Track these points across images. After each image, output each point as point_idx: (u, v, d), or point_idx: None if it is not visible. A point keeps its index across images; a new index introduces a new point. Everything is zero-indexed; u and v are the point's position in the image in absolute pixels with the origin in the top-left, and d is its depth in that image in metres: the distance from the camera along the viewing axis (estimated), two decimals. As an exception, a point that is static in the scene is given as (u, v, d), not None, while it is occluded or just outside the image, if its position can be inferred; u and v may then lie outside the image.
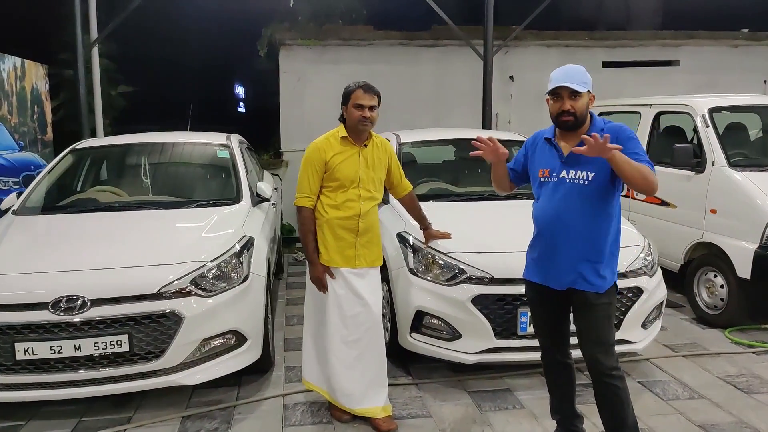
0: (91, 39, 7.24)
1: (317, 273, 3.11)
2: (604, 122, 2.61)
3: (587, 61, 9.65)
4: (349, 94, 3.07)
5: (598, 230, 2.55)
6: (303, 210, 3.10)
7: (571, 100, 2.51)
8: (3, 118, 5.83)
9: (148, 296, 3.07)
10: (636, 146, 2.50)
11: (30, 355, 2.94)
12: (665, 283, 3.91)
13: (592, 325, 2.57)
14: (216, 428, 3.20)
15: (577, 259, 2.54)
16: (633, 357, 4.05)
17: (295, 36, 8.96)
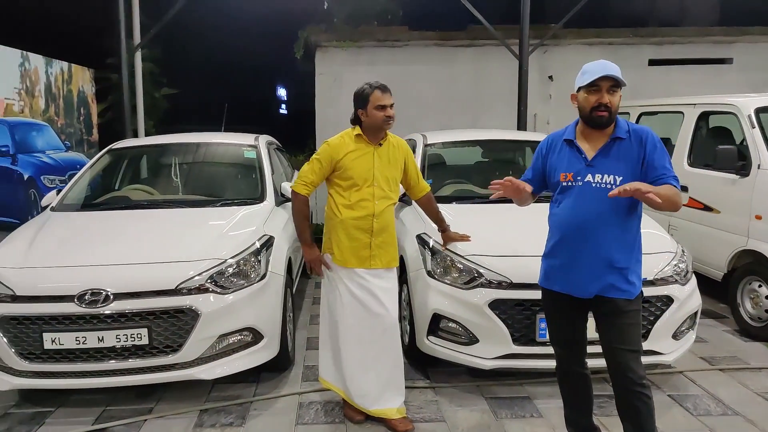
0: (135, 44, 7.50)
1: (312, 256, 3.18)
2: (628, 124, 2.52)
3: (632, 59, 9.47)
4: (367, 97, 3.07)
5: (626, 235, 2.48)
6: (298, 196, 3.13)
7: (609, 95, 2.41)
8: (50, 119, 6.10)
9: (166, 292, 3.16)
10: (663, 157, 2.43)
11: (57, 344, 3.06)
12: (708, 293, 3.74)
13: (624, 332, 2.48)
14: (231, 423, 3.26)
15: (606, 265, 2.46)
16: (665, 369, 3.89)
17: (330, 38, 9.05)
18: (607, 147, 2.47)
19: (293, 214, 3.19)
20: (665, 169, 2.39)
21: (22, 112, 5.55)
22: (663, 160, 2.42)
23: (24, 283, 3.15)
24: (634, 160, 2.43)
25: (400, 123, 9.48)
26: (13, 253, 3.40)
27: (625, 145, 2.45)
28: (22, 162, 5.46)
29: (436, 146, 5.33)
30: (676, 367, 3.96)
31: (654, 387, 3.67)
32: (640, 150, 2.43)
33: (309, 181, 3.10)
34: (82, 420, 3.27)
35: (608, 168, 2.45)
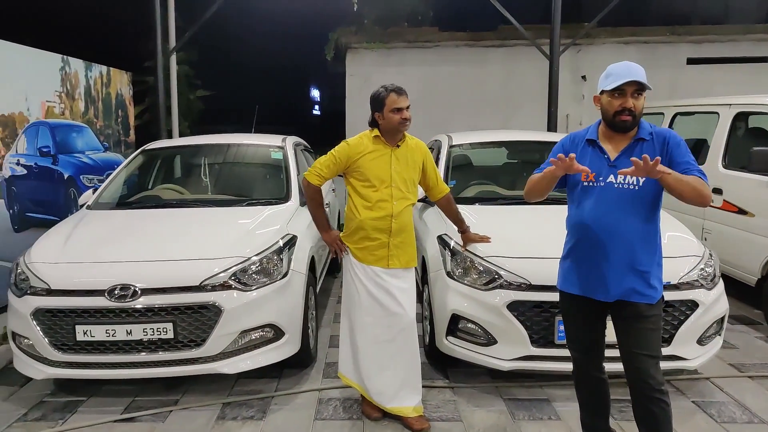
0: (170, 48, 7.73)
1: (330, 237, 3.27)
2: (651, 126, 2.48)
3: (670, 58, 9.27)
4: (383, 100, 3.11)
5: (647, 238, 2.45)
6: (310, 185, 3.20)
7: (634, 99, 2.37)
8: (89, 121, 6.34)
9: (191, 288, 3.27)
10: (686, 153, 2.39)
11: (88, 336, 3.21)
12: (742, 298, 3.65)
13: (643, 337, 2.44)
14: (252, 416, 3.35)
15: (628, 269, 2.43)
16: (691, 375, 3.81)
17: (360, 39, 9.14)
18: (630, 148, 2.44)
19: (307, 202, 3.27)
20: (689, 164, 2.35)
21: (63, 114, 5.79)
22: (686, 156, 2.38)
23: (58, 277, 3.31)
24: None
25: (429, 123, 9.55)
26: (49, 249, 3.57)
27: (648, 147, 2.42)
28: (63, 162, 5.70)
29: (462, 147, 5.34)
30: (703, 373, 3.88)
31: (678, 393, 3.61)
32: (663, 150, 2.41)
33: (323, 174, 3.17)
34: (112, 409, 3.41)
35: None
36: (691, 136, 6.25)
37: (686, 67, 9.42)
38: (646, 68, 6.71)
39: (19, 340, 3.40)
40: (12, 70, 4.94)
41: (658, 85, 9.33)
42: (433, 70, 9.33)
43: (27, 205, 5.13)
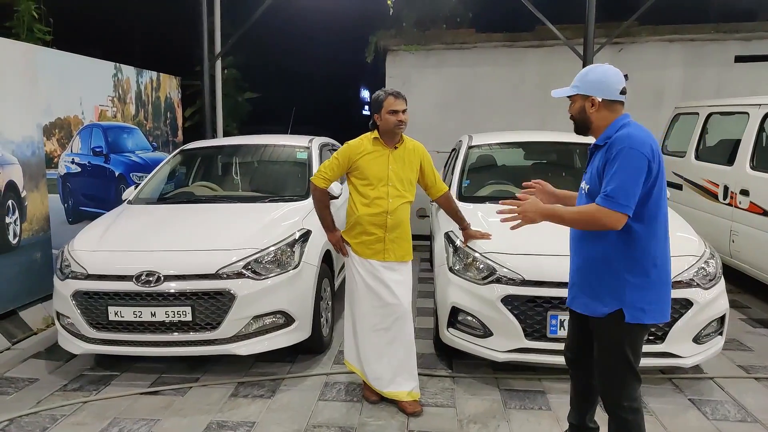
0: (215, 53, 8.20)
1: (333, 238, 3.51)
2: (616, 131, 2.33)
3: (716, 56, 9.09)
4: (381, 103, 3.33)
5: (618, 251, 2.32)
6: (317, 188, 3.43)
7: (570, 104, 2.50)
8: (139, 123, 6.86)
9: (208, 276, 3.61)
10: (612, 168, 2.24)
11: (119, 317, 3.60)
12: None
13: (605, 353, 2.44)
14: (262, 395, 3.65)
15: (585, 281, 2.44)
16: (694, 374, 3.85)
17: (399, 42, 9.35)
18: (590, 154, 2.52)
19: (314, 203, 3.51)
20: (606, 185, 2.25)
21: (115, 117, 6.31)
22: (610, 171, 2.24)
23: (94, 263, 3.73)
24: (598, 170, 2.35)
25: (467, 124, 9.68)
26: (89, 239, 4.01)
27: (600, 153, 2.38)
28: (114, 161, 6.22)
29: (482, 148, 5.49)
30: (707, 372, 3.91)
31: (676, 390, 3.67)
32: (606, 159, 2.31)
33: (327, 176, 3.41)
34: (140, 384, 3.80)
35: (587, 177, 2.48)
36: (725, 137, 6.16)
37: (734, 65, 9.12)
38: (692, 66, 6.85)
39: (63, 319, 3.83)
40: (68, 77, 5.46)
41: (704, 84, 9.14)
42: (470, 71, 9.43)
43: (80, 200, 5.64)
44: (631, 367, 2.40)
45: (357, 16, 9.81)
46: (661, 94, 9.10)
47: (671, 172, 6.89)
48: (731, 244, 5.52)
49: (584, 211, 2.29)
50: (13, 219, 4.70)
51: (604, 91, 2.39)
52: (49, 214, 5.15)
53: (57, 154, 5.33)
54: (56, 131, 5.31)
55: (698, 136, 6.51)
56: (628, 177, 2.21)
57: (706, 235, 5.93)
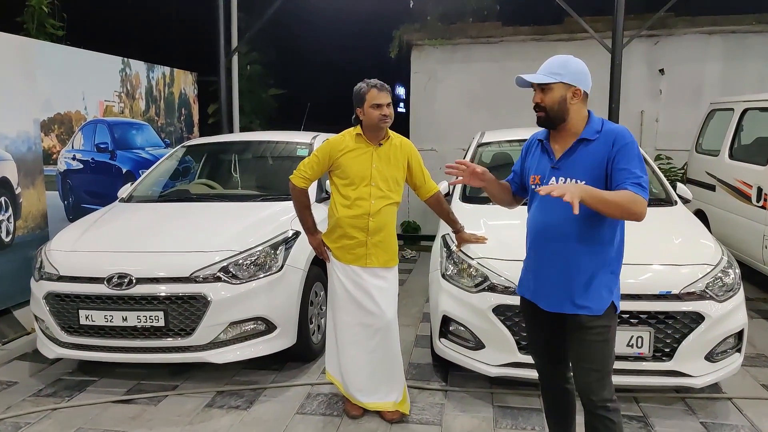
0: (232, 48, 8.10)
1: (314, 242, 3.30)
2: (603, 124, 2.27)
3: (759, 49, 8.49)
4: (363, 95, 3.09)
5: (593, 246, 2.24)
6: (295, 188, 3.20)
7: (541, 93, 2.25)
8: (150, 119, 6.80)
9: (182, 279, 3.43)
10: (630, 159, 2.15)
11: (90, 321, 3.47)
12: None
13: (585, 350, 2.27)
14: (239, 405, 3.46)
15: (567, 279, 2.26)
16: (711, 393, 3.49)
17: (423, 36, 9.07)
18: (572, 148, 2.27)
19: (293, 204, 3.29)
20: (628, 173, 2.12)
21: (122, 113, 6.24)
22: (628, 162, 2.14)
23: (67, 264, 3.60)
24: (597, 164, 2.20)
25: (495, 120, 9.36)
26: (67, 239, 3.89)
27: (592, 148, 2.23)
28: (121, 157, 6.16)
29: (492, 145, 5.19)
30: (726, 392, 3.54)
31: (688, 412, 3.32)
32: (608, 152, 2.19)
33: (307, 175, 3.18)
34: (116, 390, 3.66)
35: (572, 171, 2.25)
36: (762, 135, 5.67)
37: (779, 58, 8.51)
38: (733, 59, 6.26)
39: (39, 322, 3.72)
40: (69, 72, 5.40)
41: (746, 79, 8.56)
42: (498, 66, 9.08)
43: (83, 197, 5.59)
44: (613, 361, 2.33)
45: (383, 10, 9.55)
46: (699, 89, 8.57)
47: (704, 172, 6.43)
48: (764, 250, 5.06)
49: (625, 196, 2.08)
50: (5, 216, 4.66)
51: (586, 83, 2.30)
52: (46, 212, 5.10)
53: (56, 150, 5.27)
54: (55, 127, 5.25)
55: (732, 133, 6.03)
56: (645, 169, 2.18)
57: (738, 240, 5.52)
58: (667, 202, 4.21)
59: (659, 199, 4.24)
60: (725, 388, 3.58)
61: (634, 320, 3.10)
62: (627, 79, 8.23)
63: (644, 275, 3.16)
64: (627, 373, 3.14)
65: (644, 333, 3.08)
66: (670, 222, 3.88)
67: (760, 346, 4.29)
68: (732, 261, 3.38)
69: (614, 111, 7.38)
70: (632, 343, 3.10)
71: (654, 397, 3.47)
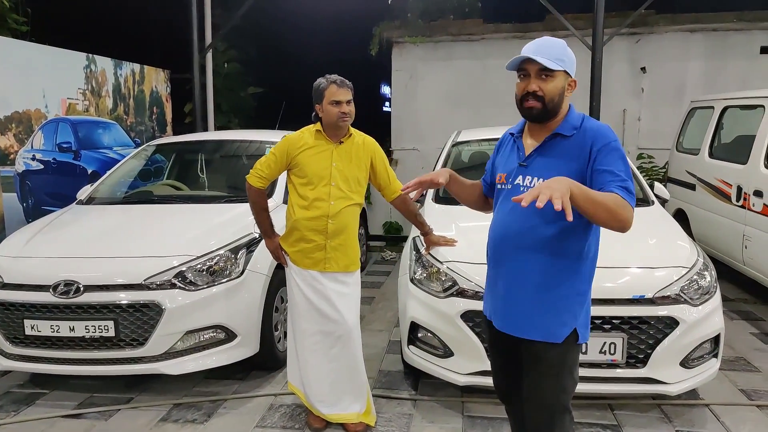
0: (206, 45, 7.90)
1: (271, 246, 3.13)
2: (583, 120, 2.02)
3: (741, 47, 8.45)
4: (322, 92, 2.93)
5: (557, 260, 1.98)
6: (251, 188, 3.03)
7: (540, 80, 1.96)
8: (119, 117, 6.58)
9: (133, 286, 3.24)
10: (612, 161, 1.89)
11: (35, 331, 3.26)
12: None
13: (535, 383, 2.03)
14: (195, 419, 3.28)
15: (523, 297, 2.01)
16: (687, 400, 3.37)
17: (403, 33, 8.92)
18: (544, 145, 2.02)
19: (250, 205, 3.11)
20: (613, 175, 1.85)
21: (87, 111, 6.02)
22: (612, 164, 1.88)
23: (12, 271, 3.39)
24: (574, 164, 1.94)
25: (478, 118, 9.23)
26: (15, 243, 3.67)
27: (568, 145, 1.98)
28: (86, 157, 5.94)
29: (468, 144, 5.05)
30: (704, 398, 3.42)
31: (663, 420, 3.20)
32: (586, 152, 1.93)
33: (264, 174, 3.00)
34: (66, 404, 3.46)
35: (542, 170, 2.00)
36: (743, 133, 5.58)
37: (760, 56, 8.46)
38: (715, 58, 6.07)
39: (-14, 332, 3.51)
40: (28, 68, 5.17)
41: (728, 77, 8.50)
42: (481, 64, 8.95)
43: (44, 199, 5.37)
44: (570, 398, 2.06)
45: (365, 7, 9.38)
46: (682, 88, 8.50)
47: (685, 171, 6.34)
48: (744, 250, 4.96)
49: (614, 199, 1.79)
50: (-43, 220, 4.44)
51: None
52: (2, 215, 4.88)
53: (14, 150, 5.05)
54: (13, 126, 5.03)
55: (713, 131, 5.94)
56: (630, 175, 1.91)
57: (719, 240, 5.43)
58: (644, 202, 4.09)
59: (636, 199, 4.11)
60: (703, 394, 3.47)
61: (607, 326, 2.97)
62: (609, 78, 8.15)
63: (617, 279, 3.03)
64: (600, 381, 3.01)
65: (617, 339, 2.95)
66: (646, 222, 3.75)
67: (739, 349, 4.19)
68: (708, 263, 3.26)
69: (595, 109, 7.28)
70: (605, 349, 2.97)
71: (629, 404, 3.34)
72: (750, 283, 5.13)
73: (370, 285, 6.01)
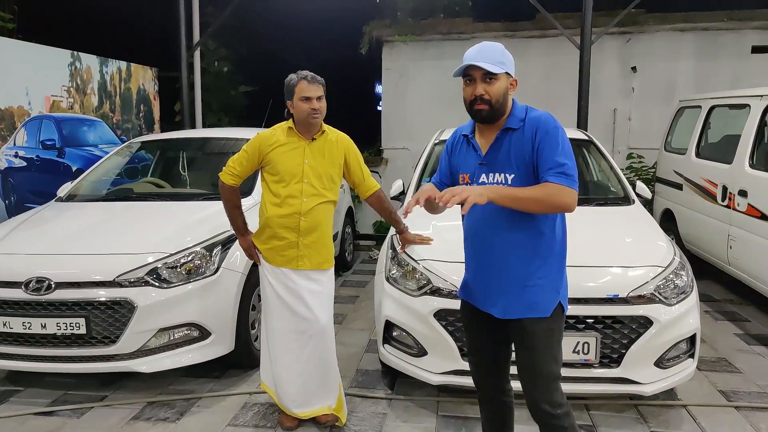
0: (193, 44, 7.87)
1: (244, 244, 3.12)
2: (527, 111, 2.13)
3: (732, 47, 8.44)
4: (293, 88, 2.91)
5: (532, 242, 2.11)
6: (224, 185, 3.02)
7: (485, 84, 2.06)
8: (105, 115, 6.55)
9: (105, 283, 3.22)
10: (553, 147, 2.01)
11: (8, 328, 3.24)
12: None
13: (530, 355, 2.15)
14: (167, 418, 3.25)
15: (507, 280, 2.13)
16: (665, 401, 3.35)
17: (392, 32, 8.90)
18: (497, 141, 2.12)
19: (223, 202, 3.09)
20: (550, 162, 1.98)
21: (71, 109, 6.00)
22: (552, 150, 2.00)
23: None
24: (525, 155, 2.05)
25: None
26: (-9, 240, 3.64)
27: (517, 137, 2.08)
28: (70, 155, 5.91)
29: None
30: (681, 399, 3.40)
31: (638, 420, 3.18)
32: (531, 141, 2.05)
33: (236, 172, 2.99)
34: (40, 401, 3.44)
35: (499, 165, 2.10)
36: (729, 132, 5.57)
37: (751, 56, 8.45)
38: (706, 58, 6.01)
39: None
40: (11, 65, 5.15)
41: (718, 76, 8.49)
42: (471, 63, 8.95)
43: (27, 197, 5.35)
44: (560, 366, 2.20)
45: (356, 6, 9.35)
46: (672, 87, 8.49)
47: (672, 171, 6.33)
48: (729, 250, 4.95)
49: (543, 190, 1.96)
50: (-65, 216, 4.41)
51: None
52: (-16, 212, 4.86)
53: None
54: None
55: (700, 131, 5.93)
56: (572, 156, 2.04)
57: (704, 241, 5.41)
58: (624, 201, 4.07)
59: (617, 198, 4.10)
60: (681, 395, 3.45)
61: (581, 325, 2.95)
62: (599, 77, 8.15)
63: (591, 278, 3.01)
64: (574, 381, 2.98)
65: (591, 339, 2.93)
66: (624, 222, 3.75)
67: (721, 350, 4.18)
68: (685, 262, 3.25)
69: (583, 108, 7.27)
70: (578, 349, 2.95)
71: (605, 404, 3.33)
72: (736, 283, 5.12)
73: (355, 284, 6.00)
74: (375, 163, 8.66)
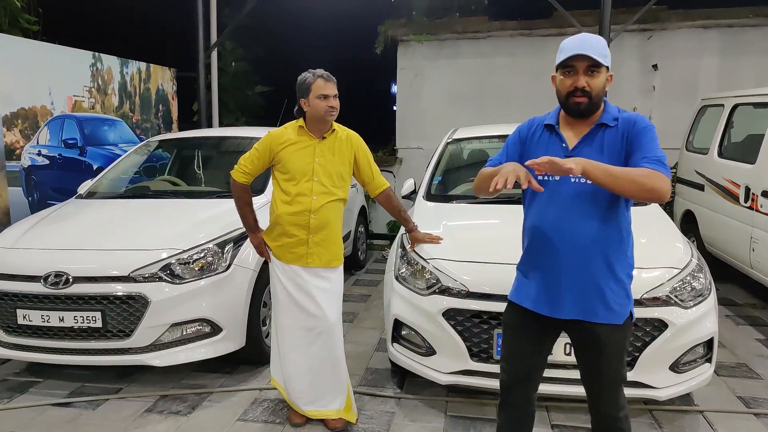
0: (211, 44, 7.96)
1: (255, 241, 3.15)
2: (619, 111, 2.09)
3: (758, 44, 8.25)
4: (309, 86, 2.93)
5: (614, 243, 2.05)
6: (236, 183, 3.06)
7: (588, 76, 2.00)
8: (124, 115, 6.66)
9: (120, 278, 3.28)
10: (648, 142, 1.97)
11: (27, 321, 3.32)
12: None
13: (602, 363, 2.10)
14: (179, 411, 3.30)
15: (588, 282, 2.04)
16: (680, 406, 3.29)
17: (408, 32, 8.89)
18: (590, 135, 2.06)
19: (234, 200, 3.13)
20: (646, 151, 1.94)
21: (93, 109, 6.11)
22: (648, 144, 1.96)
23: (6, 262, 3.45)
24: (618, 151, 2.01)
25: (483, 117, 9.11)
26: (12, 234, 3.74)
27: (611, 134, 2.04)
28: (92, 153, 6.02)
29: (462, 142, 5.02)
30: (699, 405, 3.34)
31: (653, 426, 3.13)
32: (624, 138, 2.02)
33: (247, 170, 3.03)
34: (58, 393, 3.52)
35: (592, 158, 1.96)
36: (754, 132, 5.46)
37: (778, 53, 8.26)
38: (730, 55, 5.97)
39: (-19, 321, 3.58)
40: (35, 66, 5.27)
41: (743, 74, 8.30)
42: (487, 62, 8.88)
43: (49, 194, 5.46)
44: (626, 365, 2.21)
45: (371, 6, 9.37)
46: (694, 85, 8.33)
47: (693, 171, 6.22)
48: (752, 253, 4.85)
49: (639, 170, 1.90)
50: (-38, 212, 4.53)
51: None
52: (9, 208, 4.97)
53: (20, 145, 5.14)
54: (19, 122, 5.12)
55: (722, 130, 5.81)
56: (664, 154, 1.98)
57: (726, 243, 5.30)
58: (641, 201, 4.01)
59: (633, 198, 4.04)
60: (698, 400, 3.38)
61: (592, 326, 2.91)
62: (619, 75, 8.03)
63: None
64: (585, 382, 2.94)
65: (602, 340, 2.89)
66: (640, 222, 3.63)
67: (742, 355, 4.08)
68: (702, 264, 3.19)
69: (602, 107, 7.18)
70: (589, 350, 2.90)
71: (618, 406, 3.27)
72: (758, 287, 5.01)
73: (368, 283, 6.01)
74: (389, 162, 8.66)
